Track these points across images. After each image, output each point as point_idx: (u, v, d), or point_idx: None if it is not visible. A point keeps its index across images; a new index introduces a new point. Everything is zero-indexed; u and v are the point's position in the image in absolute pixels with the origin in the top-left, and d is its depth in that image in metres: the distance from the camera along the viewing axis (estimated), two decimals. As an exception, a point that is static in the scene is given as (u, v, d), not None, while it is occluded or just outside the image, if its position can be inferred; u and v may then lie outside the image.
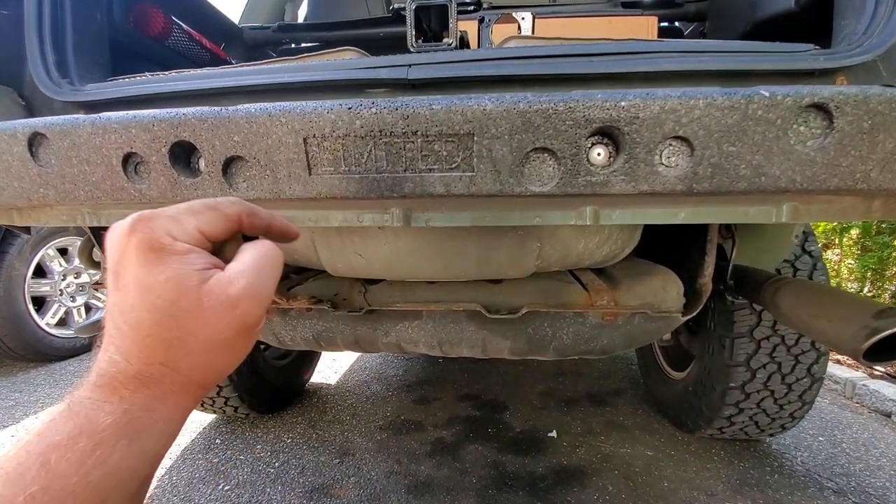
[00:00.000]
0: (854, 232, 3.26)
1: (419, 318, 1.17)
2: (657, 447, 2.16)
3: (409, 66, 0.87)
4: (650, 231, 1.36)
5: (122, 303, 0.36)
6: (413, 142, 0.67)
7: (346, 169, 0.70)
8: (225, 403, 2.21)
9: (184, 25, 1.75)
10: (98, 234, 1.18)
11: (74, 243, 3.52)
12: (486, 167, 0.67)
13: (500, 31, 1.33)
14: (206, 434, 2.34)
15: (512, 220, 0.77)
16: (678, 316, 1.15)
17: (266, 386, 2.33)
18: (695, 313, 1.17)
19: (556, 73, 0.84)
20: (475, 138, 0.66)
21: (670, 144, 0.66)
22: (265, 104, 0.69)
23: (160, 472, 2.00)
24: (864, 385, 2.70)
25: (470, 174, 0.68)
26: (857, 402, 2.70)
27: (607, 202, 0.76)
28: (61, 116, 0.77)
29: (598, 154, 0.69)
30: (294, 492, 1.85)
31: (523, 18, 1.31)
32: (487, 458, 2.06)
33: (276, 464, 2.05)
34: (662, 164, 0.66)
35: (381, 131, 0.67)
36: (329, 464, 2.04)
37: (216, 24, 2.01)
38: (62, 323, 3.45)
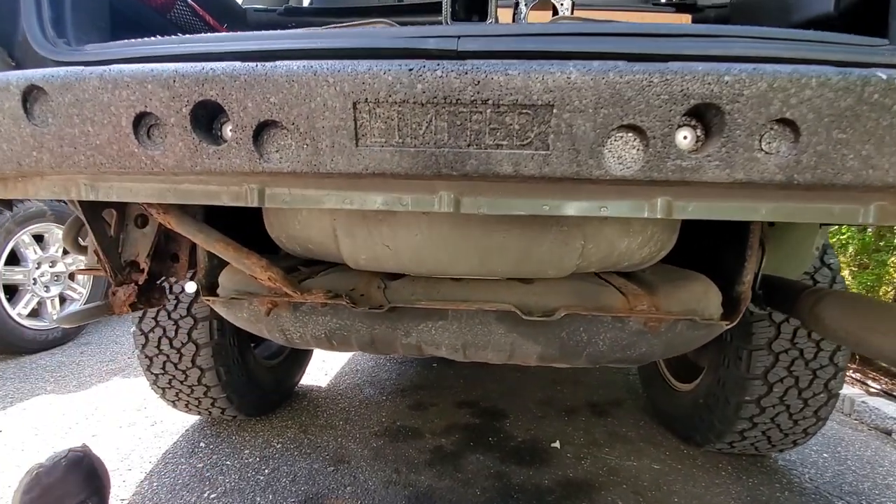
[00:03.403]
0: (851, 249, 3.27)
1: (444, 319, 1.07)
2: (663, 461, 2.10)
3: (459, 37, 0.78)
4: (681, 235, 1.29)
5: None
6: (481, 112, 0.59)
7: (400, 141, 0.61)
8: (212, 404, 2.07)
9: (188, -1, 1.64)
10: (90, 212, 1.06)
11: (51, 230, 3.33)
12: (563, 145, 0.59)
13: (535, 18, 1.26)
14: (189, 437, 2.19)
15: (579, 208, 0.69)
16: (721, 324, 1.08)
17: (256, 386, 2.21)
18: (736, 322, 1.11)
19: (618, 51, 0.76)
20: (554, 111, 0.57)
21: (773, 128, 0.58)
22: (310, 62, 0.59)
23: (139, 477, 1.86)
24: (863, 402, 2.69)
25: (544, 153, 0.60)
26: (857, 419, 2.68)
27: (685, 193, 0.68)
28: (64, 68, 0.66)
29: (685, 137, 0.62)
30: (287, 501, 1.73)
31: (562, 4, 1.24)
32: (490, 468, 1.97)
33: (266, 470, 1.92)
34: (762, 150, 0.59)
35: (445, 98, 0.58)
36: (323, 471, 1.92)
37: (219, 1, 1.90)
38: (34, 314, 3.26)
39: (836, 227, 3.37)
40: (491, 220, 0.92)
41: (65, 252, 3.46)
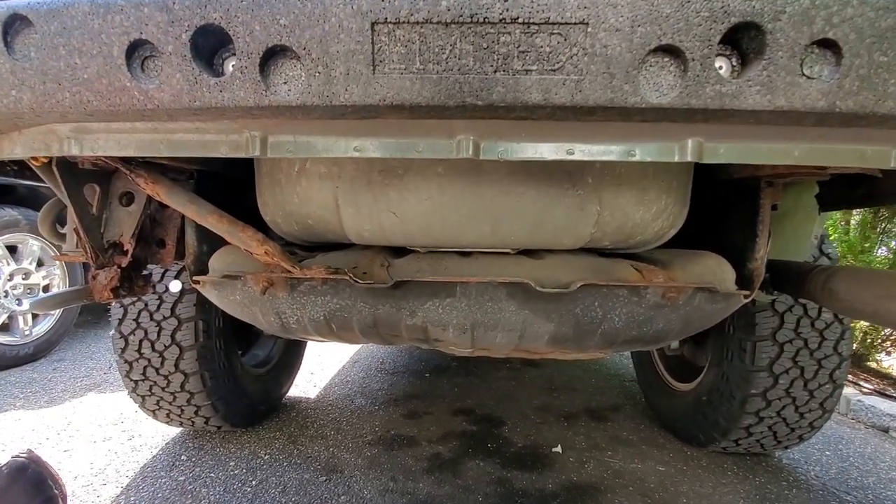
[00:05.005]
0: (838, 250, 3.32)
1: (452, 296, 1.01)
2: (667, 462, 2.04)
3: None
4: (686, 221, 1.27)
5: None
6: (510, 33, 0.55)
7: (422, 67, 0.56)
8: (195, 413, 1.95)
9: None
10: (71, 187, 0.99)
11: (25, 240, 3.19)
12: (597, 68, 0.55)
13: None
14: (169, 450, 2.06)
15: (606, 152, 0.65)
16: (740, 295, 1.04)
17: (243, 395, 2.09)
18: (753, 295, 1.07)
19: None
20: (589, 29, 0.54)
21: (814, 51, 0.56)
22: (325, -21, 0.55)
23: (115, 491, 1.72)
24: (858, 401, 2.69)
25: (576, 78, 0.56)
26: (853, 418, 2.67)
27: (717, 132, 0.65)
28: (50, -5, 0.60)
29: (721, 66, 0.59)
30: (276, 512, 1.62)
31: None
32: (491, 474, 1.89)
33: (254, 482, 1.80)
34: (804, 74, 0.56)
35: (472, 17, 0.54)
36: (315, 481, 1.81)
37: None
38: (5, 328, 3.08)
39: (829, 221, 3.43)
40: (504, 181, 0.88)
41: (39, 264, 3.31)
